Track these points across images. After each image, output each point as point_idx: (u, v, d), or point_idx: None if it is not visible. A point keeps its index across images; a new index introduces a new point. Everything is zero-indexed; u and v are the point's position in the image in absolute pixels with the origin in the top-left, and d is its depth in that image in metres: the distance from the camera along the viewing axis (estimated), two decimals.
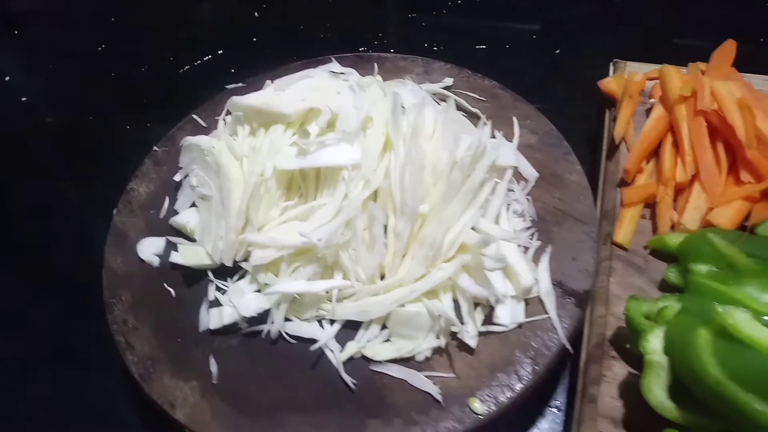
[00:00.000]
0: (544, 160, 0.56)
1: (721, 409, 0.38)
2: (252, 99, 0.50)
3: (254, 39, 0.82)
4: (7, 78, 0.82)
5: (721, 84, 0.54)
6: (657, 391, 0.42)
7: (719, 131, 0.53)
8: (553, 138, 0.57)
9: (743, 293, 0.43)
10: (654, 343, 0.42)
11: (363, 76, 0.58)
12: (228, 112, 0.54)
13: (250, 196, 0.48)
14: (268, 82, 0.54)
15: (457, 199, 0.46)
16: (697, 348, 0.39)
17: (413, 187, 0.46)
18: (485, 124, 0.54)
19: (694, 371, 0.38)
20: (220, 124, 0.54)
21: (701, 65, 0.60)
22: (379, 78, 0.56)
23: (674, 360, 0.40)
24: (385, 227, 0.48)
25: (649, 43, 0.74)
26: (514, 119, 0.57)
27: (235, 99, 0.51)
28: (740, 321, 0.38)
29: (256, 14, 0.87)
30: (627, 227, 0.53)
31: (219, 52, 0.79)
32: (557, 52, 0.77)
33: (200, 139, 0.52)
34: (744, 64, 0.58)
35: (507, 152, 0.51)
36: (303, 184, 0.50)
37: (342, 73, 0.56)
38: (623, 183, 0.56)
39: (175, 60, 0.80)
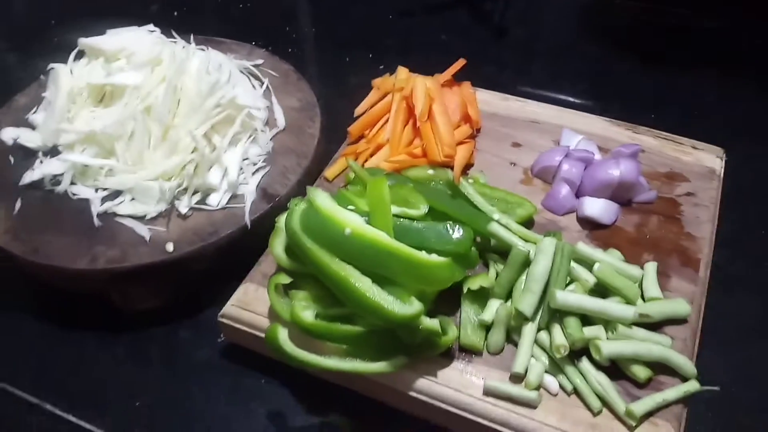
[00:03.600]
0: (298, 117, 0.78)
1: (300, 252, 0.58)
2: (89, 40, 0.75)
3: None
4: None
5: (420, 80, 0.75)
6: (277, 247, 0.61)
7: (412, 112, 0.75)
8: (311, 105, 0.80)
9: (357, 196, 0.62)
10: (282, 218, 0.62)
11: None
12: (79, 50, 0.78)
13: (67, 100, 0.71)
14: (108, 31, 0.78)
15: (195, 116, 0.68)
16: (292, 213, 0.59)
17: (167, 105, 0.68)
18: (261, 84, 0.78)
19: (287, 228, 0.58)
20: (71, 57, 0.77)
21: (441, 76, 0.82)
22: (193, 45, 0.79)
23: (286, 225, 0.60)
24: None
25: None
26: (265, 81, 0.80)
27: (81, 39, 0.75)
28: (316, 195, 0.58)
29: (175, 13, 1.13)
30: (335, 168, 0.73)
31: None
32: (381, 67, 1.00)
33: (56, 65, 0.76)
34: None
35: (247, 97, 0.73)
36: (110, 98, 0.73)
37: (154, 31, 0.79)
38: (352, 143, 0.78)
39: None
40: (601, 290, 0.58)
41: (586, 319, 0.56)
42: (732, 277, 0.69)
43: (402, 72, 0.80)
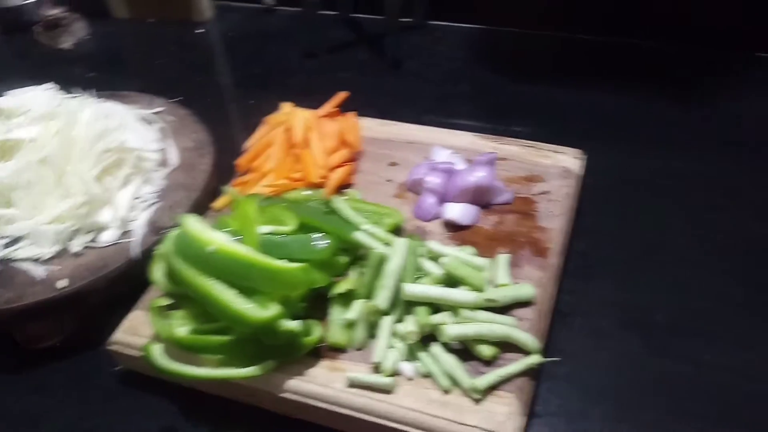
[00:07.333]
0: (191, 156, 0.84)
1: (173, 273, 0.63)
2: None
3: None
4: None
5: (299, 113, 0.83)
6: (157, 273, 0.66)
7: (294, 143, 0.81)
8: (204, 144, 0.86)
9: (234, 220, 0.68)
10: (162, 245, 0.68)
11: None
12: None
13: None
14: (6, 92, 0.84)
15: (86, 161, 0.74)
16: (168, 239, 0.64)
17: (61, 153, 0.74)
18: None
19: (162, 253, 0.64)
20: None
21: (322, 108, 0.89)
22: (88, 98, 0.86)
23: (161, 250, 0.66)
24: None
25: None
26: (157, 124, 0.86)
27: None
28: (188, 222, 0.64)
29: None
30: (223, 200, 0.79)
31: None
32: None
33: None
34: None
35: (137, 140, 0.79)
36: (8, 152, 0.79)
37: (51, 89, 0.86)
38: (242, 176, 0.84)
39: None
40: (452, 282, 0.63)
41: (440, 310, 0.62)
42: (593, 262, 0.76)
43: (285, 107, 0.87)
